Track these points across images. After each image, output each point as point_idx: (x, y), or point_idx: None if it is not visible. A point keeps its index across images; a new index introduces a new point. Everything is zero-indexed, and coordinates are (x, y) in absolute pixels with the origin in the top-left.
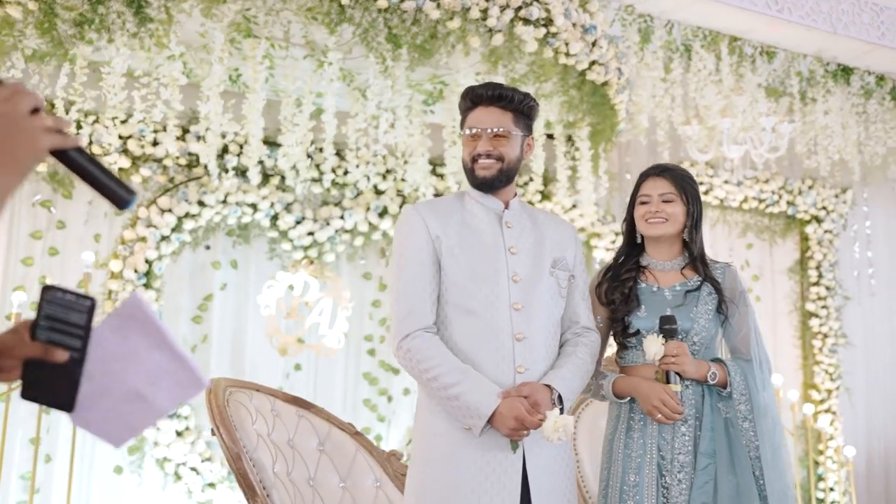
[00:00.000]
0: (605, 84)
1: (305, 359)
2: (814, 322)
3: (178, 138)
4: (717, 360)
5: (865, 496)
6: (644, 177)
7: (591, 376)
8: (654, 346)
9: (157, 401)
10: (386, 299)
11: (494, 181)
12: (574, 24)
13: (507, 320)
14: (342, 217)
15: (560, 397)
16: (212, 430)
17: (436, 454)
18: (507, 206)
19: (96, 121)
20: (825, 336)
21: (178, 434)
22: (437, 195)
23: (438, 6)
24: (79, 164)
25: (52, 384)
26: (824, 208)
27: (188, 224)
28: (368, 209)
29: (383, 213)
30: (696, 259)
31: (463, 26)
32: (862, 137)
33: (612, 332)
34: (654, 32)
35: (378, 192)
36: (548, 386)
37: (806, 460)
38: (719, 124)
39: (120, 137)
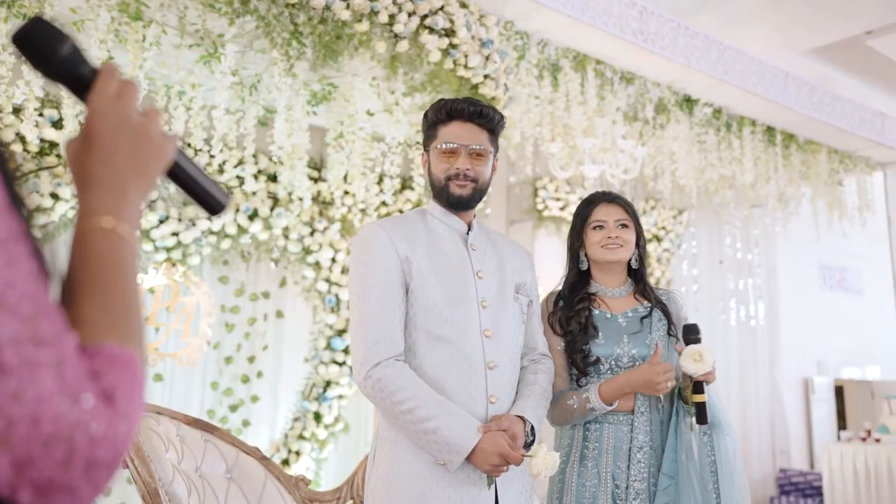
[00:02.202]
0: (493, 99)
1: (162, 367)
2: None
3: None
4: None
5: None
6: (593, 203)
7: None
8: (710, 355)
9: None
10: (246, 307)
11: (470, 201)
12: (473, 37)
13: (479, 348)
14: (209, 218)
15: (532, 428)
16: (123, 462)
17: (403, 489)
18: (469, 228)
19: None
20: None
21: None
22: (314, 199)
23: (348, 7)
24: (183, 170)
25: None
26: (664, 228)
27: (39, 219)
28: (238, 211)
29: (253, 215)
30: (645, 285)
31: (369, 30)
32: (701, 164)
33: (569, 361)
34: (528, 50)
35: (250, 194)
36: (520, 417)
37: None
38: (581, 144)
39: None
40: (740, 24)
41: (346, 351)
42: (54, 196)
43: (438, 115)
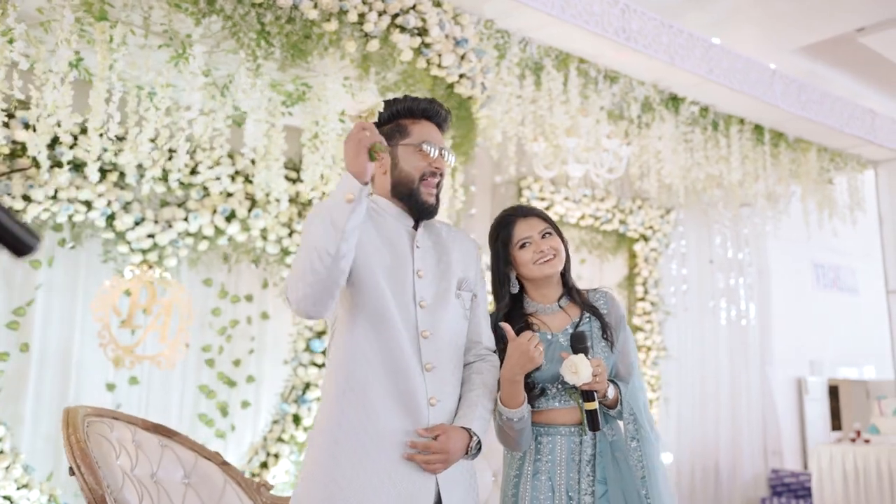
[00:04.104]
0: (469, 98)
1: (139, 371)
2: (640, 336)
3: (3, 125)
4: (610, 381)
5: (678, 500)
6: (511, 222)
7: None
8: (585, 367)
9: None
10: (227, 309)
11: (435, 210)
12: (447, 36)
13: (416, 349)
14: (186, 219)
15: (479, 442)
16: (70, 468)
17: (343, 485)
18: (417, 225)
19: None
20: (649, 349)
21: None
22: (291, 201)
23: (316, 6)
24: None
25: None
26: (651, 227)
27: None
28: (215, 212)
29: (231, 216)
30: (573, 291)
31: (339, 29)
32: (687, 163)
33: None
34: (510, 49)
35: (227, 195)
36: (466, 429)
37: None
38: (565, 143)
39: None
40: (728, 23)
41: (325, 353)
42: (26, 198)
43: (410, 112)
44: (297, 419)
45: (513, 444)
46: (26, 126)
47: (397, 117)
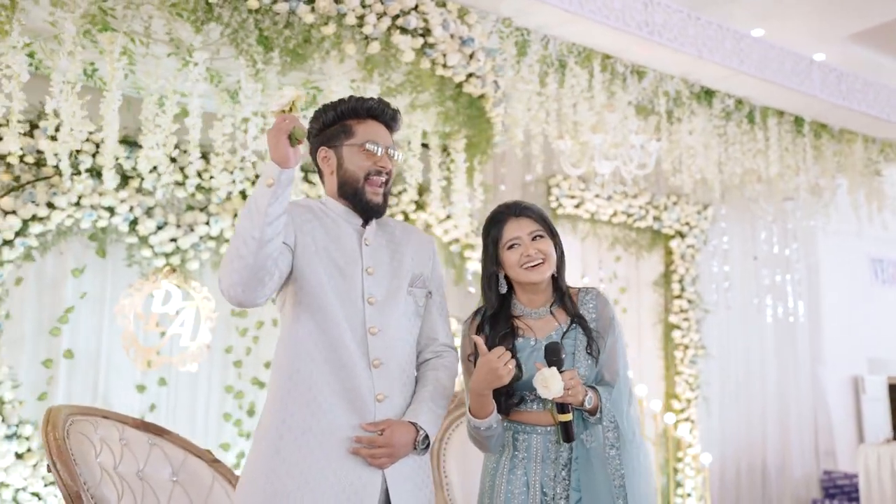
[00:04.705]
0: (481, 97)
1: (165, 372)
2: (676, 334)
3: (25, 134)
4: (591, 386)
5: (719, 501)
6: (501, 221)
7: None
8: (556, 382)
9: None
10: (252, 309)
11: (382, 209)
12: (452, 36)
13: (363, 346)
14: (207, 223)
15: (426, 436)
16: (48, 466)
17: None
18: (365, 223)
19: None
20: (686, 347)
21: (19, 456)
22: None
23: (313, 10)
24: None
25: None
26: (687, 224)
27: (35, 228)
28: (236, 215)
29: None
30: (564, 296)
31: (338, 32)
32: (722, 158)
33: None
34: (530, 46)
35: (245, 198)
36: (413, 424)
37: (666, 468)
38: (591, 140)
39: None
40: (773, 14)
41: None
42: (50, 205)
43: (355, 112)
44: None
45: (483, 448)
46: (52, 138)
47: (343, 118)
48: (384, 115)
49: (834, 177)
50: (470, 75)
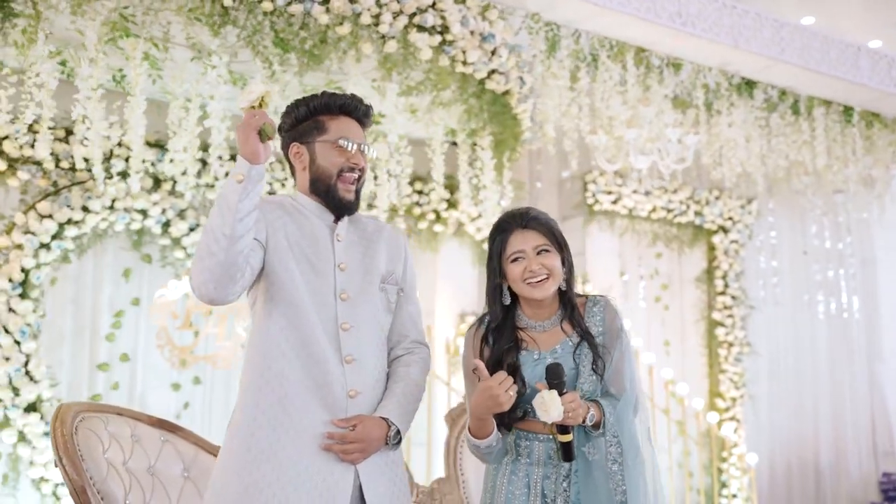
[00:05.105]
0: (506, 93)
1: (199, 371)
2: (720, 331)
3: (61, 140)
4: (594, 400)
5: (769, 502)
6: (507, 231)
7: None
8: (554, 407)
9: None
10: None
11: (354, 206)
12: (472, 33)
13: (335, 342)
14: None
15: (398, 431)
16: (54, 461)
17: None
18: (337, 219)
19: None
20: (730, 345)
21: None
22: None
23: (328, 11)
24: None
25: None
26: (730, 219)
27: (71, 231)
28: None
29: None
30: (573, 311)
31: (354, 32)
32: (765, 150)
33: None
34: (560, 41)
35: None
36: (384, 419)
37: (710, 468)
38: (625, 135)
39: None
40: (820, 2)
41: None
42: (85, 209)
43: (328, 108)
44: None
45: (483, 461)
46: (82, 143)
47: (315, 113)
48: (357, 111)
49: (888, 167)
50: (493, 72)
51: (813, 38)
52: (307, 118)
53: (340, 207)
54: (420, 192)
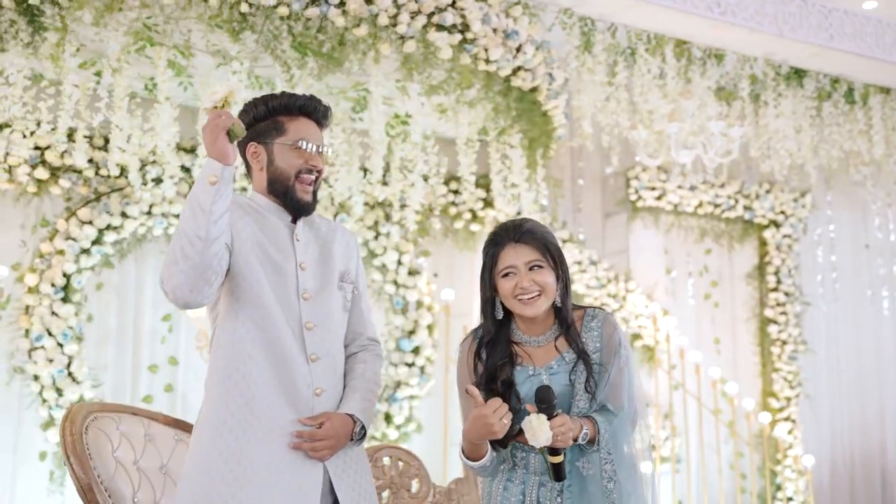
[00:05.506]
0: (533, 90)
1: None
2: (772, 329)
3: (100, 148)
4: (588, 417)
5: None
6: (499, 244)
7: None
8: (542, 432)
9: None
10: None
11: (311, 207)
12: (495, 30)
13: (300, 341)
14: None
15: (363, 426)
16: (63, 460)
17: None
18: (295, 219)
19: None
20: (784, 343)
21: None
22: (379, 204)
23: (344, 13)
24: None
25: None
26: (783, 212)
27: (110, 236)
28: None
29: None
30: (569, 327)
31: (373, 33)
32: (816, 141)
33: None
34: (595, 36)
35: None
36: (350, 416)
37: (763, 470)
38: (667, 129)
39: (37, 148)
40: None
41: (415, 351)
42: (124, 215)
43: (287, 109)
44: (388, 417)
45: (479, 476)
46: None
47: (274, 114)
48: (316, 112)
49: None
50: (518, 68)
51: (866, 22)
52: (266, 118)
53: (298, 208)
54: (455, 192)
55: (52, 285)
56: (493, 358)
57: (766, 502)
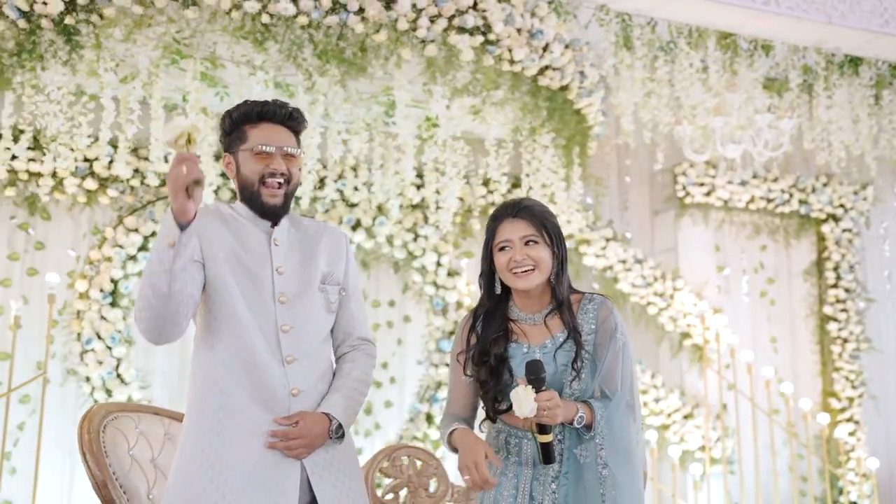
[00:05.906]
0: (563, 89)
1: None
2: (832, 326)
3: (144, 158)
4: (586, 402)
5: None
6: (498, 219)
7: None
8: (527, 403)
9: None
10: (368, 312)
11: (282, 209)
12: (519, 30)
13: (275, 343)
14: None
15: (339, 425)
16: (80, 459)
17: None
18: (275, 223)
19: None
20: (845, 341)
21: None
22: (416, 206)
23: (363, 20)
24: None
25: None
26: (842, 206)
27: None
28: (341, 222)
29: (356, 225)
30: (561, 305)
31: (394, 37)
32: (875, 130)
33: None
34: (633, 31)
35: (350, 205)
36: (326, 414)
37: (824, 472)
38: (711, 123)
39: (86, 160)
40: None
41: None
42: None
43: (247, 117)
44: (429, 418)
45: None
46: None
47: (238, 124)
48: (276, 116)
49: None
50: (546, 68)
51: None
52: (233, 129)
53: (266, 213)
54: (491, 192)
55: (101, 291)
56: (487, 332)
57: None
